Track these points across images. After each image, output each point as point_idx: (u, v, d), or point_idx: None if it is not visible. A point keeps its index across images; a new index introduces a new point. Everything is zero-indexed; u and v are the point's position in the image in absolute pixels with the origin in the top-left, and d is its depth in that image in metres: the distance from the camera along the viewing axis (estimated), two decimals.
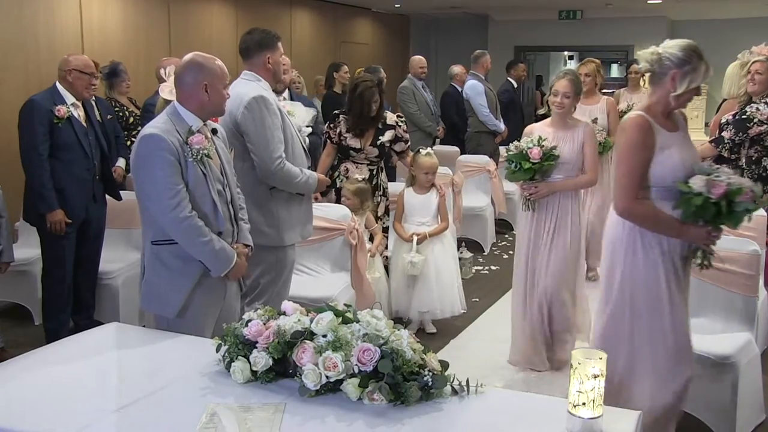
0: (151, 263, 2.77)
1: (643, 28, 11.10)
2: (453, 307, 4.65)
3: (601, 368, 1.87)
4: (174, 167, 2.64)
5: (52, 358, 2.44)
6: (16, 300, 4.92)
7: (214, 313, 2.86)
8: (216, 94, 2.77)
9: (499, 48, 11.38)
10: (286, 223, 3.52)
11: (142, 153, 2.67)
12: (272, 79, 3.55)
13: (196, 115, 2.76)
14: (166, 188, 2.63)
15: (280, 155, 3.37)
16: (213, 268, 2.76)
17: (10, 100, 5.24)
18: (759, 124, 4.27)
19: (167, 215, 2.65)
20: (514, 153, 3.86)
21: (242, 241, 2.97)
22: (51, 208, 4.08)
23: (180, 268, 2.73)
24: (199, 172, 2.70)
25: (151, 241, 2.75)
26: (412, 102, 7.41)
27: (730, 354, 3.12)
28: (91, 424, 1.96)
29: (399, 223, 4.74)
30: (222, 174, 2.86)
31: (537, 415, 2.02)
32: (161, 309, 2.77)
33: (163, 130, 2.66)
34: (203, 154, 2.70)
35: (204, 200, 2.74)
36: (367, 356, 2.07)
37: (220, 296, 2.88)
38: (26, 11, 5.97)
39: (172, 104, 2.80)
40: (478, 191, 6.96)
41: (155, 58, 6.45)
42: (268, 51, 3.47)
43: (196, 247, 2.70)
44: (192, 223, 2.66)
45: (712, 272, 3.40)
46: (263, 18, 8.83)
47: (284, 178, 3.41)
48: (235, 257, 2.82)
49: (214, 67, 2.78)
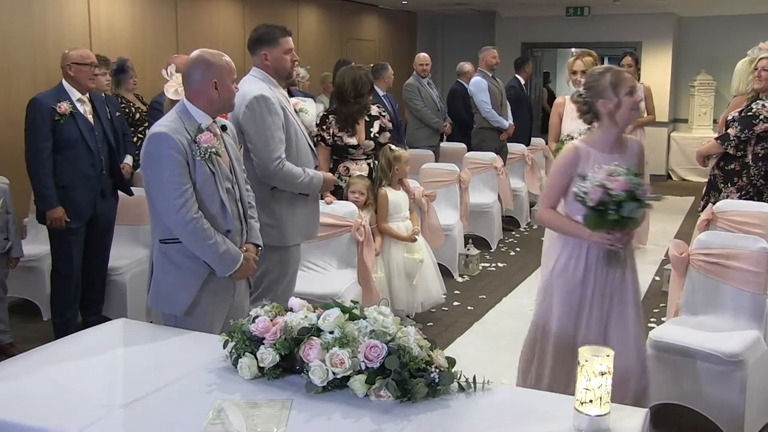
0: (159, 261, 2.77)
1: (651, 24, 11.05)
2: (438, 294, 4.84)
3: (609, 366, 1.87)
4: (182, 166, 2.64)
5: (60, 353, 2.45)
6: (25, 296, 4.94)
7: (222, 311, 2.86)
8: (225, 90, 2.77)
9: (506, 45, 11.34)
10: (289, 224, 3.49)
11: (151, 151, 2.67)
12: (275, 76, 3.50)
13: (205, 112, 2.76)
14: (172, 188, 2.63)
15: (279, 156, 3.34)
16: (218, 269, 2.75)
17: (19, 97, 5.25)
18: (765, 121, 4.24)
19: (173, 215, 2.64)
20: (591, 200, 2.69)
21: (252, 240, 2.96)
22: (50, 205, 4.09)
23: (188, 267, 2.73)
24: (207, 171, 2.69)
25: (160, 240, 2.75)
26: (418, 99, 7.41)
27: (739, 352, 3.10)
28: (99, 420, 1.97)
29: (387, 224, 4.71)
30: (231, 171, 2.85)
31: (544, 412, 2.02)
32: (169, 307, 2.77)
33: (172, 129, 2.66)
34: (211, 153, 2.69)
35: (212, 198, 2.73)
36: (373, 353, 2.07)
37: (229, 294, 2.87)
38: (35, 7, 5.98)
39: (181, 102, 2.79)
40: (485, 188, 6.95)
41: (162, 55, 6.47)
42: (266, 47, 3.43)
43: (201, 248, 2.69)
44: (198, 225, 2.65)
45: (721, 269, 3.41)
46: (270, 15, 8.82)
47: (284, 178, 3.38)
48: (240, 258, 2.80)
49: (222, 63, 2.77)
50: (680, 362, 3.20)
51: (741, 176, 4.37)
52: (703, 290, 3.49)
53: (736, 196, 4.32)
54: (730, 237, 3.54)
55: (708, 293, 3.47)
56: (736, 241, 3.44)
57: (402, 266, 4.64)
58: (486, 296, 5.44)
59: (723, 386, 3.10)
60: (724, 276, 3.41)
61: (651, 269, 6.11)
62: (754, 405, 3.15)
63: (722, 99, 10.55)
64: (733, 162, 4.41)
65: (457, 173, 6.17)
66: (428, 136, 7.50)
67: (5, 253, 4.18)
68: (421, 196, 5.19)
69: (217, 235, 2.71)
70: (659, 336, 3.29)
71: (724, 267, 3.41)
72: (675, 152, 11.32)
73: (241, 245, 2.88)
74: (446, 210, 5.99)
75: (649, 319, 4.95)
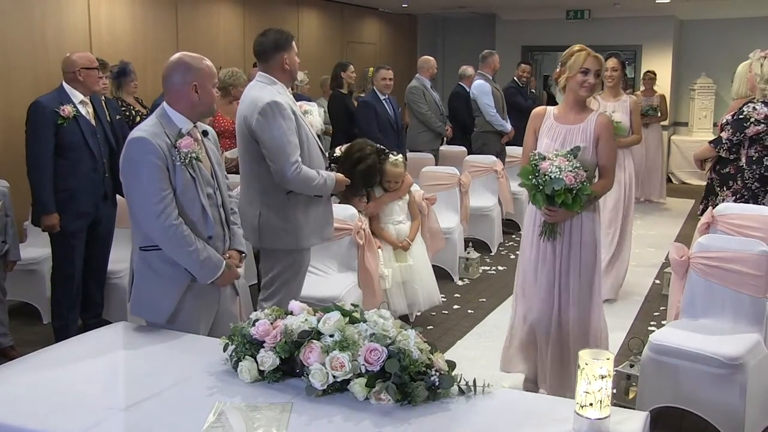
0: (140, 269, 2.73)
1: (651, 27, 11.07)
2: (432, 298, 4.85)
3: (609, 369, 1.87)
4: (161, 172, 2.59)
5: (60, 356, 2.45)
6: (25, 299, 4.95)
7: (207, 318, 2.81)
8: (206, 93, 2.72)
9: (506, 48, 11.37)
10: (304, 227, 3.49)
11: (130, 157, 2.62)
12: (289, 80, 3.53)
13: (185, 117, 2.71)
14: (152, 194, 2.59)
15: (296, 160, 3.32)
16: (199, 277, 2.71)
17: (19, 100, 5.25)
18: (756, 124, 4.23)
19: (152, 222, 2.60)
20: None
21: (235, 247, 2.92)
22: (47, 210, 4.09)
23: (169, 274, 2.68)
24: (188, 176, 2.65)
25: (140, 247, 2.71)
26: (423, 102, 7.40)
27: (739, 355, 3.10)
28: (99, 423, 1.97)
29: (380, 228, 4.73)
30: (212, 177, 2.80)
31: (544, 416, 2.02)
32: (152, 315, 2.73)
33: (151, 134, 2.61)
34: (192, 158, 2.65)
35: (193, 204, 2.69)
36: (374, 356, 2.07)
37: (213, 300, 2.83)
38: (35, 10, 5.99)
39: (162, 106, 2.74)
40: (486, 191, 6.95)
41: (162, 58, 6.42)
42: (285, 51, 3.44)
43: (181, 255, 2.65)
44: (177, 232, 2.61)
45: (721, 273, 3.41)
46: (270, 18, 8.83)
47: (301, 182, 3.37)
48: (222, 265, 2.75)
49: (203, 67, 2.73)
50: (680, 365, 3.19)
51: (736, 180, 4.36)
52: (703, 293, 3.49)
53: (732, 199, 4.32)
54: (731, 240, 3.53)
55: (708, 296, 3.47)
56: (737, 245, 3.44)
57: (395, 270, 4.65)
58: (486, 299, 5.44)
59: (723, 389, 3.10)
60: (725, 279, 3.41)
61: (651, 272, 6.12)
62: (754, 408, 3.15)
63: (722, 102, 10.56)
64: (728, 165, 4.41)
65: (457, 176, 6.18)
66: (430, 140, 7.49)
67: (2, 256, 4.18)
68: (422, 199, 5.19)
69: (198, 241, 2.67)
70: (659, 339, 3.29)
71: (724, 270, 3.41)
72: (675, 155, 11.33)
73: (223, 251, 2.84)
74: (446, 213, 6.00)
75: (650, 323, 4.95)
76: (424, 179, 6.18)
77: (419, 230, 4.91)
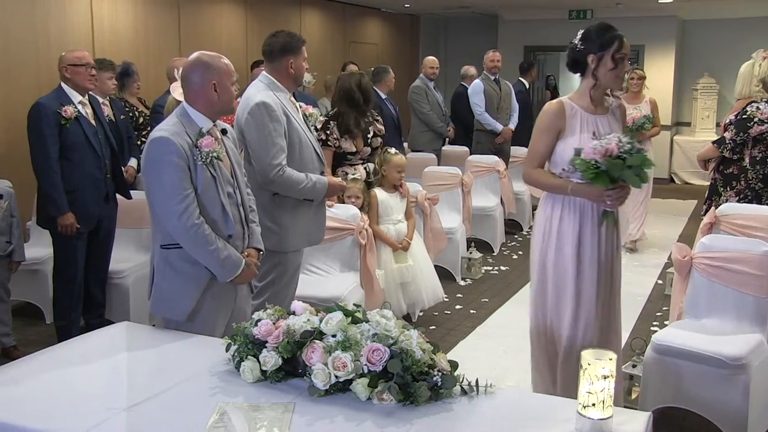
0: (160, 267, 2.75)
1: (654, 27, 11.04)
2: (437, 293, 4.86)
3: (611, 369, 1.87)
4: (183, 171, 2.62)
5: (63, 356, 2.46)
6: (28, 299, 4.95)
7: (224, 316, 2.85)
8: (225, 92, 2.75)
9: (508, 48, 11.35)
10: (290, 230, 3.47)
11: (152, 157, 2.64)
12: (293, 84, 3.53)
13: (205, 116, 2.74)
14: (174, 193, 2.61)
15: (279, 162, 3.32)
16: (219, 275, 2.74)
17: (22, 99, 5.26)
18: (759, 124, 4.22)
19: (174, 221, 2.62)
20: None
21: (253, 245, 2.95)
22: (61, 211, 4.09)
23: (190, 272, 2.71)
24: (208, 175, 2.68)
25: (161, 245, 2.73)
26: (425, 102, 7.40)
27: (742, 355, 3.09)
28: (102, 423, 1.97)
29: (377, 225, 4.71)
30: (232, 176, 2.84)
31: (546, 416, 2.01)
32: (171, 313, 2.75)
33: (173, 133, 2.63)
34: (213, 157, 2.68)
35: (213, 203, 2.71)
36: (376, 356, 2.07)
37: (231, 299, 2.86)
38: (37, 10, 6.00)
39: (182, 105, 2.77)
40: (488, 191, 6.95)
41: (165, 59, 6.48)
42: (292, 56, 3.44)
43: (202, 254, 2.67)
44: (199, 231, 2.63)
45: (724, 273, 3.41)
46: (273, 18, 8.84)
47: (285, 184, 3.37)
48: (242, 264, 2.79)
49: (221, 65, 2.76)
50: (683, 365, 3.19)
51: (739, 180, 4.36)
52: (706, 294, 3.49)
53: (735, 200, 4.31)
54: (734, 240, 3.53)
55: (711, 297, 3.46)
56: (740, 245, 3.44)
57: (395, 272, 4.66)
58: (488, 300, 5.44)
59: (726, 390, 3.09)
60: (728, 279, 3.40)
61: (654, 272, 6.11)
62: (757, 408, 3.14)
63: (725, 102, 10.54)
64: (731, 166, 4.41)
65: (459, 176, 6.17)
66: (431, 140, 7.49)
67: (7, 256, 4.18)
68: (424, 199, 5.19)
69: (218, 240, 2.70)
70: (662, 339, 3.28)
71: (727, 270, 3.41)
72: (678, 155, 11.32)
73: (242, 250, 2.87)
74: (449, 213, 6.00)
75: (652, 323, 4.95)
76: (426, 179, 6.18)
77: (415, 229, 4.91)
